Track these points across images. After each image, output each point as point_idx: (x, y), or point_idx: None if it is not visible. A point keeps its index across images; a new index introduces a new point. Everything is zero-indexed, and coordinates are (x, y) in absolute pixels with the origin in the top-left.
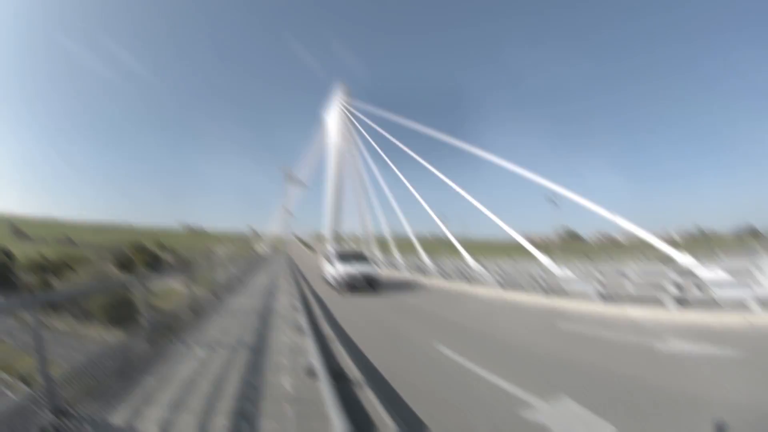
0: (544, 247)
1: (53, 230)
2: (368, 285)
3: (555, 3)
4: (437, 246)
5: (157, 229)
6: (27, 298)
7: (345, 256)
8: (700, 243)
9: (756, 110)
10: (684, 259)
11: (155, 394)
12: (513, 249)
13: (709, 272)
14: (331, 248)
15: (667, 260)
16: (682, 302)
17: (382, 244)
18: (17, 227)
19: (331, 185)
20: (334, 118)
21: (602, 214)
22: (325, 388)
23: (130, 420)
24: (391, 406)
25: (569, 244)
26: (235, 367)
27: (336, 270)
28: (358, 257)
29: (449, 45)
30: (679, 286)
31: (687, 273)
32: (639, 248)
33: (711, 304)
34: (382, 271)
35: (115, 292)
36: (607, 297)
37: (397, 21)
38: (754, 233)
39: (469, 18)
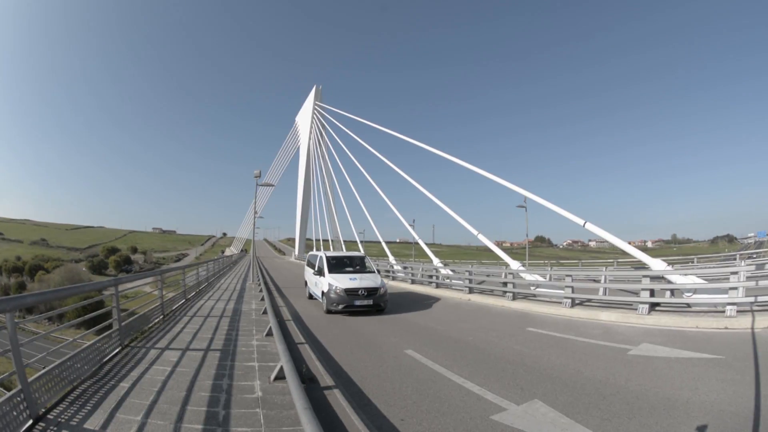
0: (514, 252)
1: (28, 231)
2: (374, 305)
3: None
4: (406, 250)
5: (129, 231)
6: (2, 301)
7: (337, 263)
8: (675, 250)
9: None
10: (656, 264)
11: (128, 399)
12: (483, 254)
13: (682, 277)
14: (320, 252)
15: (640, 266)
16: (654, 307)
17: (351, 248)
18: None
19: (302, 189)
20: (306, 120)
21: (573, 219)
22: (295, 392)
23: (105, 425)
24: (362, 410)
25: (540, 250)
26: (205, 370)
27: (326, 283)
28: (356, 263)
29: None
30: (651, 291)
31: (659, 278)
32: (611, 254)
33: (685, 308)
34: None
35: (87, 294)
36: (577, 301)
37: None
38: (730, 240)
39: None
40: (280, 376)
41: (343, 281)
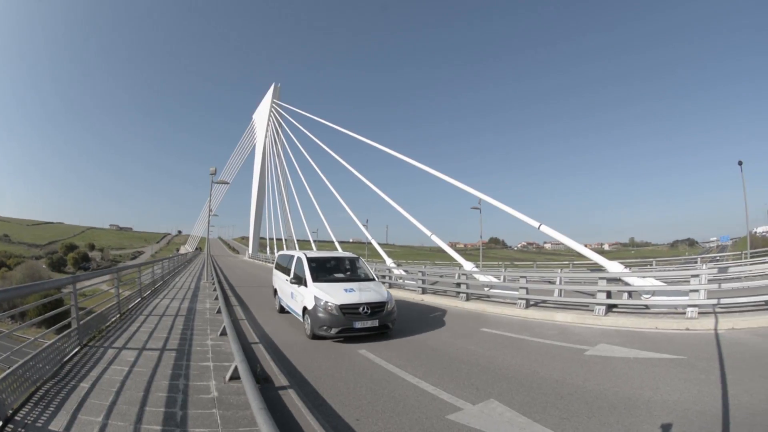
0: (468, 253)
1: None
2: (380, 326)
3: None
4: (360, 250)
5: (87, 227)
6: None
7: (322, 267)
8: (633, 253)
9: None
10: (613, 266)
11: (89, 399)
12: (437, 254)
13: (640, 279)
14: (296, 252)
15: (596, 268)
16: (612, 308)
17: (305, 247)
18: None
19: (257, 187)
20: (263, 118)
21: (528, 222)
22: (250, 392)
23: (68, 426)
24: (317, 410)
25: (495, 251)
26: (162, 370)
27: (311, 296)
28: (346, 268)
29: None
30: (608, 293)
31: (617, 280)
32: (567, 257)
33: (643, 310)
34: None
35: (47, 292)
36: (532, 302)
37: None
38: (690, 243)
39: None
40: (235, 376)
41: (336, 294)
